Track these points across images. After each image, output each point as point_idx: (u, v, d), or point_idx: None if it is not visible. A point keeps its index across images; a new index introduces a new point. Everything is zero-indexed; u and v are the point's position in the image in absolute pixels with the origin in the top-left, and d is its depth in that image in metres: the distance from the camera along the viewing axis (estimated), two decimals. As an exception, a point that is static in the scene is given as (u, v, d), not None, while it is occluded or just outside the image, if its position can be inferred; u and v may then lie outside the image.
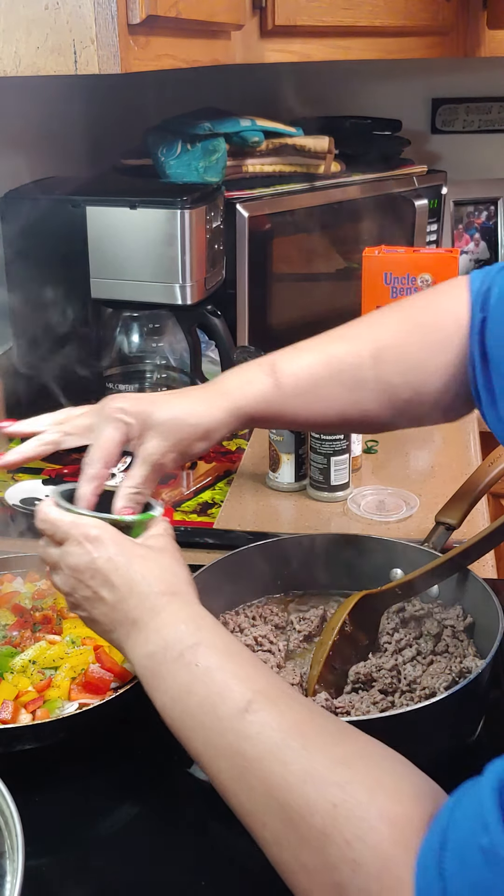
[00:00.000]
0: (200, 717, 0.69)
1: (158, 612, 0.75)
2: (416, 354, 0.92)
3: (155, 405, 0.89)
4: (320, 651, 0.97)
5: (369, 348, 0.92)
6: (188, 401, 0.91)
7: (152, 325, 1.69)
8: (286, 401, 0.92)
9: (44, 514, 0.82)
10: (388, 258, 1.78)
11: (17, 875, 0.64)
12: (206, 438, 0.90)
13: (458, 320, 0.91)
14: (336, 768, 0.63)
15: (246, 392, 0.91)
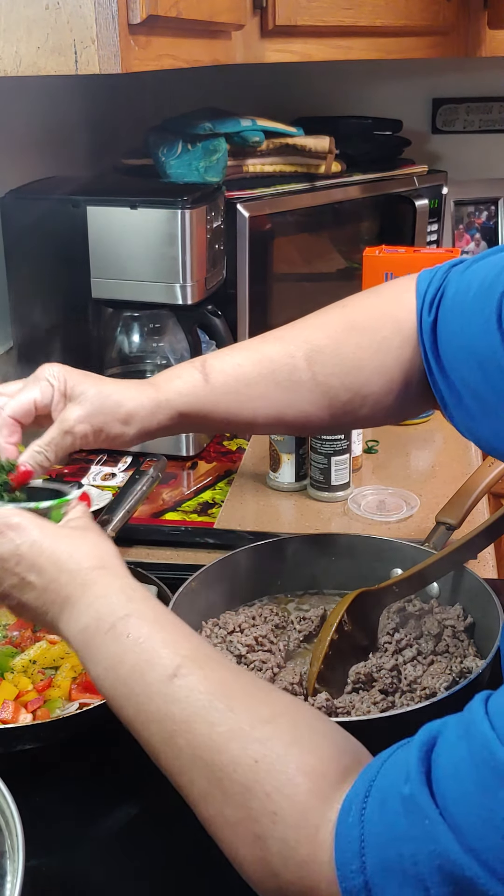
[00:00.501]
0: (131, 685, 0.70)
1: (90, 586, 0.75)
2: (352, 356, 0.92)
3: (86, 378, 0.91)
4: (319, 648, 0.97)
5: (304, 349, 0.92)
6: (121, 384, 0.92)
7: (153, 325, 1.69)
8: (216, 398, 0.91)
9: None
10: (389, 258, 1.78)
11: (17, 875, 0.64)
12: (127, 422, 0.89)
13: (398, 322, 0.91)
14: (259, 726, 0.65)
15: (174, 386, 0.91)
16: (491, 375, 0.79)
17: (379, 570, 1.10)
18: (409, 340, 0.91)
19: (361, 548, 1.13)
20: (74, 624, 0.75)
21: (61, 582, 0.76)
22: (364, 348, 0.91)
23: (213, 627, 1.05)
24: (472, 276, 0.86)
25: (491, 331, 0.78)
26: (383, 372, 0.91)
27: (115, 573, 0.77)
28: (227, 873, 0.83)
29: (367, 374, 0.91)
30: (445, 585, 1.07)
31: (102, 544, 0.80)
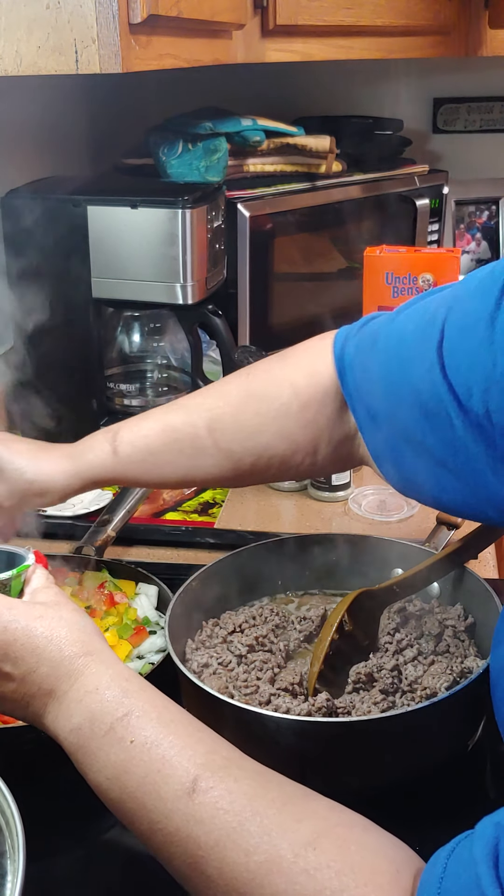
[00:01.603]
0: (143, 800, 0.64)
1: (76, 677, 0.70)
2: (250, 422, 0.94)
3: (10, 452, 0.97)
4: (319, 648, 0.97)
5: (205, 417, 0.95)
6: (39, 458, 0.98)
7: (153, 325, 1.69)
8: (124, 468, 0.97)
9: None
10: (390, 258, 1.78)
11: (17, 875, 0.64)
12: (42, 495, 0.97)
13: (296, 387, 0.93)
14: (303, 853, 0.58)
15: (87, 459, 0.97)
16: (438, 426, 0.77)
17: (379, 570, 1.10)
18: (311, 403, 0.92)
19: (362, 548, 1.13)
20: (64, 722, 0.69)
21: (42, 673, 0.71)
22: (262, 414, 0.94)
23: (213, 627, 1.05)
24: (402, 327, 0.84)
25: (436, 381, 0.76)
26: (285, 435, 0.93)
27: (102, 660, 0.72)
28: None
29: (268, 439, 0.94)
30: (446, 585, 1.07)
31: (81, 623, 0.75)
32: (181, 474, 0.98)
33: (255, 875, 0.58)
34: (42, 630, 0.72)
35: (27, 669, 0.71)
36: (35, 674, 0.71)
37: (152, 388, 1.67)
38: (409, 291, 1.78)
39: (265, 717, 0.85)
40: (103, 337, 1.62)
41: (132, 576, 1.15)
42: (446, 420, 0.76)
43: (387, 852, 0.60)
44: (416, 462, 0.82)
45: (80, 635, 0.73)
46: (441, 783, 0.90)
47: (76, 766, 0.69)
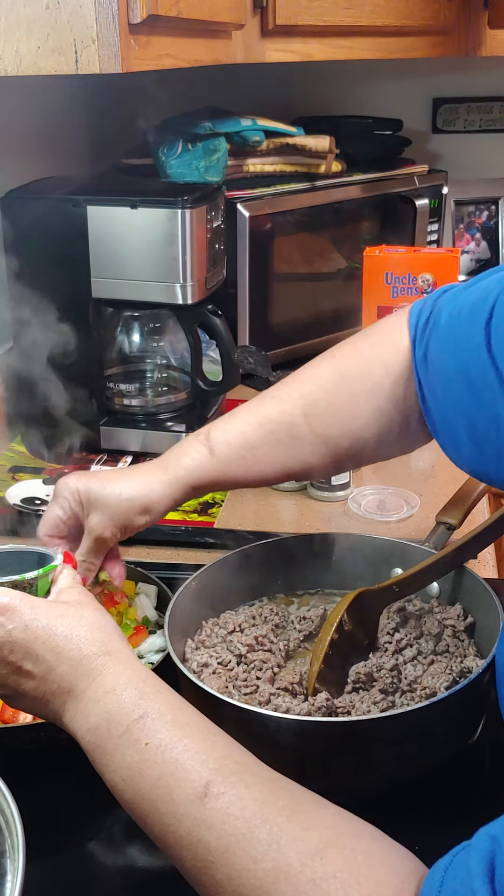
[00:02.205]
0: (156, 802, 0.65)
1: (94, 677, 0.71)
2: (346, 405, 0.94)
3: (99, 482, 0.95)
4: (319, 648, 0.97)
5: (299, 405, 0.95)
6: (131, 477, 0.96)
7: (153, 325, 1.69)
8: (223, 467, 0.95)
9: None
10: (389, 258, 1.78)
11: (17, 875, 0.64)
12: (147, 512, 0.95)
13: (387, 364, 0.93)
14: (310, 862, 0.59)
15: (183, 464, 0.95)
16: (483, 399, 0.80)
17: (379, 570, 1.10)
18: (401, 379, 0.92)
19: (361, 548, 1.13)
20: (82, 721, 0.70)
21: (61, 672, 0.71)
22: (357, 396, 0.94)
23: (213, 627, 1.05)
24: (464, 301, 0.87)
25: (482, 355, 0.79)
26: (380, 415, 0.93)
27: (120, 660, 0.72)
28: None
29: (365, 420, 0.94)
30: (445, 585, 1.07)
31: (102, 622, 0.75)
32: (280, 466, 0.96)
33: (263, 882, 0.59)
34: (62, 629, 0.72)
35: (47, 667, 0.72)
36: (55, 672, 0.71)
37: (152, 388, 1.67)
38: (408, 291, 1.78)
39: (265, 717, 0.85)
40: (103, 337, 1.62)
41: (132, 575, 1.15)
42: (490, 395, 0.78)
43: (393, 863, 0.60)
44: (465, 436, 0.84)
45: (100, 635, 0.73)
46: (440, 783, 0.90)
47: (93, 764, 0.70)
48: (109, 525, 0.94)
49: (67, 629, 0.73)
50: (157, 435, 1.59)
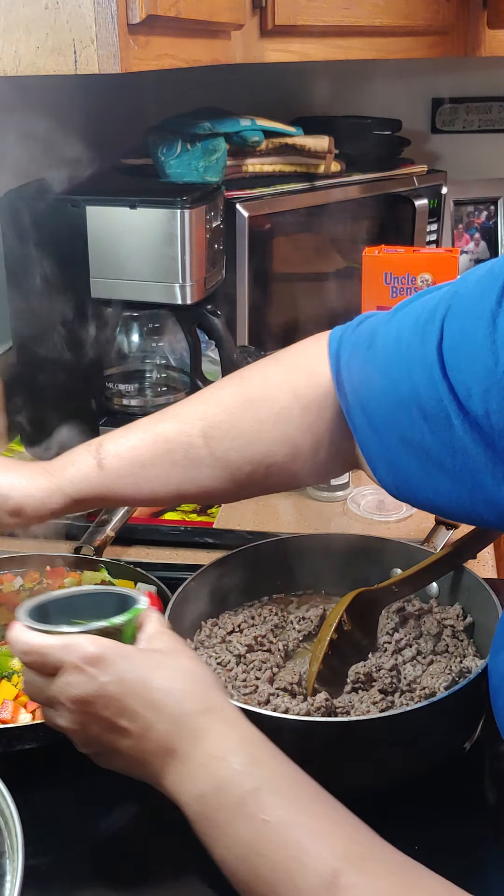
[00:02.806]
0: (276, 887, 0.60)
1: (199, 737, 0.66)
2: (249, 429, 0.89)
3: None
4: (318, 648, 0.97)
5: (199, 426, 0.90)
6: (13, 473, 0.89)
7: (152, 325, 1.69)
8: (111, 483, 0.90)
9: (24, 644, 0.70)
10: (388, 258, 1.78)
11: (17, 875, 0.64)
12: (17, 514, 0.88)
13: (296, 390, 0.89)
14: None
15: (68, 474, 0.90)
16: (437, 426, 0.76)
17: (378, 570, 1.10)
18: (311, 406, 0.89)
19: (361, 548, 1.13)
20: (188, 787, 0.66)
21: (161, 730, 0.66)
22: (262, 420, 0.89)
23: (212, 627, 1.05)
24: (399, 325, 0.83)
25: (435, 381, 0.75)
26: (286, 441, 0.89)
27: (225, 718, 0.68)
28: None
29: (268, 446, 0.89)
30: (445, 585, 1.07)
31: (200, 673, 0.70)
32: (174, 488, 0.91)
33: None
34: (160, 682, 0.68)
35: (145, 725, 0.67)
36: (153, 730, 0.67)
37: (151, 389, 1.67)
38: (407, 291, 1.78)
39: (264, 717, 0.85)
40: (102, 337, 1.61)
41: (131, 576, 1.15)
42: (445, 420, 0.75)
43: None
44: (412, 464, 0.81)
45: (201, 688, 0.69)
46: (440, 783, 0.90)
47: (199, 835, 0.65)
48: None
49: (165, 682, 0.68)
50: (156, 435, 1.58)
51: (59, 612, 0.75)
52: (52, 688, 0.69)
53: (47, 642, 0.69)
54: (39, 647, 0.69)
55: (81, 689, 0.67)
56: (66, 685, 0.68)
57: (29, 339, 1.59)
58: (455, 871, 0.82)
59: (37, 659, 0.70)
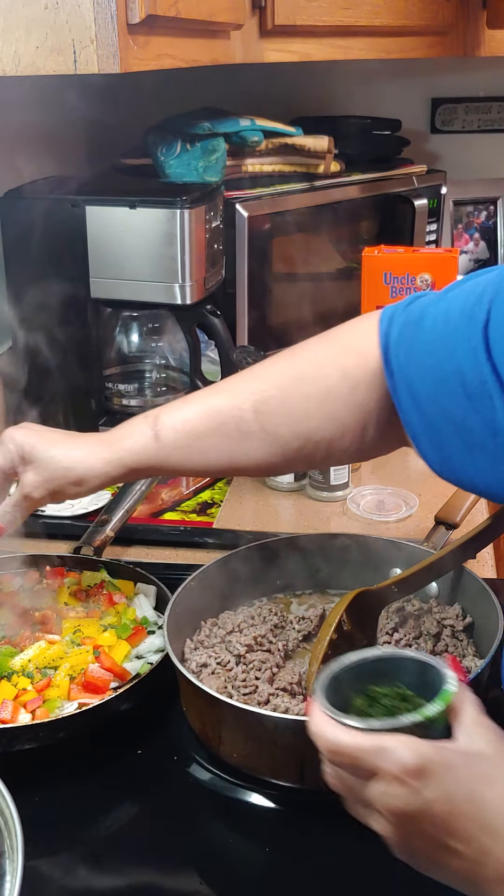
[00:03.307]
0: None
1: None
2: (298, 405, 0.92)
3: (43, 441, 0.96)
4: (318, 648, 0.97)
5: (251, 400, 0.92)
6: (74, 445, 0.96)
7: (152, 325, 1.69)
8: (166, 453, 0.94)
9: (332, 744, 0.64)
10: (388, 258, 1.78)
11: (16, 875, 0.64)
12: (80, 484, 0.94)
13: (346, 368, 0.91)
14: None
15: (126, 445, 0.94)
16: (480, 406, 0.77)
17: (378, 570, 1.10)
18: (359, 385, 0.90)
19: (360, 547, 1.13)
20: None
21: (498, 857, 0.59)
22: (311, 398, 0.91)
23: (212, 627, 1.05)
24: (448, 306, 0.84)
25: (480, 362, 0.77)
26: (334, 418, 0.91)
27: None
28: (227, 873, 0.83)
29: (317, 423, 0.91)
30: (444, 585, 1.07)
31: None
32: (226, 460, 0.94)
33: None
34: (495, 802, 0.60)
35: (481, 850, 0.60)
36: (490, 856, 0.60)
37: (151, 389, 1.67)
38: (407, 291, 1.78)
39: (264, 717, 0.85)
40: (102, 337, 1.62)
41: (131, 576, 1.15)
42: (488, 401, 0.76)
43: None
44: (455, 443, 0.82)
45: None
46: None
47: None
48: (42, 487, 0.94)
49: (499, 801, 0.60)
50: (155, 435, 1.58)
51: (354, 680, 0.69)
52: (367, 792, 0.63)
53: (358, 744, 0.63)
54: (350, 750, 0.63)
55: (403, 802, 0.61)
56: (385, 795, 0.62)
57: (29, 338, 1.59)
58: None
59: (348, 762, 0.64)
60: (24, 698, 0.95)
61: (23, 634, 1.04)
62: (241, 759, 0.89)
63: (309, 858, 0.83)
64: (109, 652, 1.00)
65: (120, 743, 0.95)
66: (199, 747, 0.94)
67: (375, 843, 0.65)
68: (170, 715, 0.98)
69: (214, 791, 0.91)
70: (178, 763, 0.93)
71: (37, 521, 1.37)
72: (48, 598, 1.11)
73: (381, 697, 0.67)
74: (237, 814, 0.89)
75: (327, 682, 0.68)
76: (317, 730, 0.65)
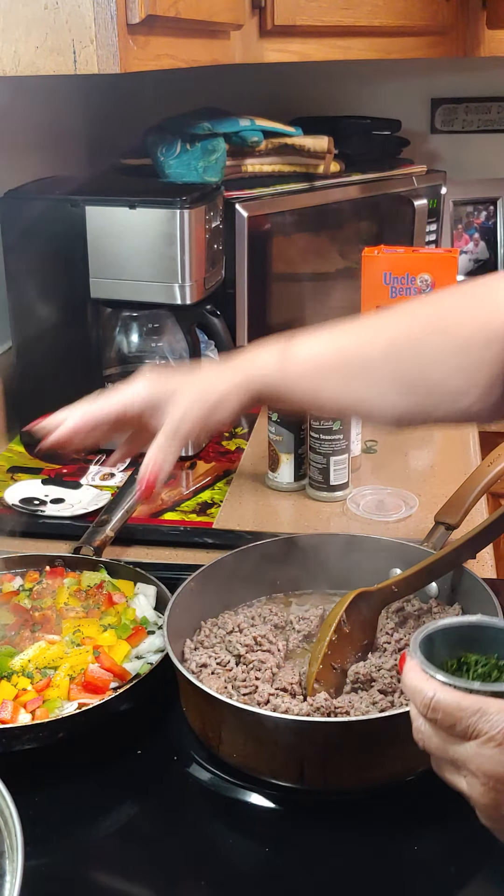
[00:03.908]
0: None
1: None
2: (431, 354, 0.89)
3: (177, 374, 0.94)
4: (318, 648, 0.97)
5: (383, 343, 0.90)
6: (205, 372, 0.94)
7: (152, 325, 1.69)
8: (291, 384, 0.92)
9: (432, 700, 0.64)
10: (388, 258, 1.78)
11: (16, 875, 0.64)
12: (216, 410, 0.91)
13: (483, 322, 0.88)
14: None
15: (252, 370, 0.92)
16: None
17: (378, 570, 1.10)
18: (493, 342, 0.88)
19: (360, 548, 1.13)
20: None
21: None
22: (442, 348, 0.89)
23: (212, 627, 1.05)
24: None
25: None
26: (463, 371, 0.89)
27: None
28: (227, 873, 0.83)
29: (445, 373, 0.89)
30: (444, 585, 1.07)
31: None
32: (346, 401, 0.92)
33: None
34: None
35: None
36: None
37: (151, 389, 1.67)
38: (407, 291, 1.78)
39: (264, 717, 0.85)
40: (101, 337, 1.62)
41: (131, 576, 1.15)
42: None
43: None
44: None
45: None
46: (439, 783, 0.90)
47: None
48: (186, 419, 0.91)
49: None
50: (155, 435, 1.58)
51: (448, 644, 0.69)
52: (460, 751, 0.63)
53: (459, 703, 0.62)
54: (450, 709, 0.63)
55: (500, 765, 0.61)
56: (481, 757, 0.62)
57: (29, 338, 1.59)
58: (455, 870, 0.83)
59: (445, 719, 0.63)
60: (24, 698, 0.95)
61: (23, 634, 1.04)
62: (241, 759, 0.89)
63: (309, 858, 0.83)
64: (109, 652, 1.00)
65: (120, 743, 0.95)
66: (199, 747, 0.94)
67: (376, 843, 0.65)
68: (170, 715, 0.98)
69: (214, 791, 0.91)
70: (178, 763, 0.93)
71: (37, 521, 1.37)
72: (48, 598, 1.11)
73: (474, 664, 0.68)
74: (237, 814, 0.89)
75: (423, 639, 0.68)
76: (412, 684, 0.65)
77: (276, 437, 1.45)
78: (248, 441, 1.66)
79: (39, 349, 1.58)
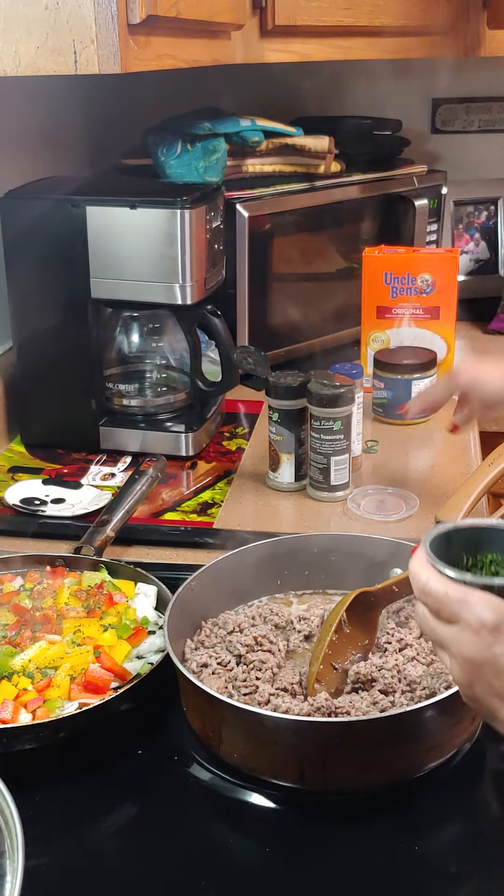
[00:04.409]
0: None
1: None
2: None
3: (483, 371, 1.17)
4: (318, 648, 0.98)
5: None
6: None
7: (152, 325, 1.69)
8: None
9: (424, 585, 0.70)
10: (389, 258, 1.78)
11: (16, 875, 0.64)
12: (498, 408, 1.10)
13: None
14: None
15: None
16: None
17: (379, 570, 1.10)
18: None
19: (361, 548, 1.13)
20: None
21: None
22: None
23: (212, 627, 1.05)
24: None
25: None
26: None
27: None
28: (227, 873, 0.83)
29: None
30: (445, 585, 1.07)
31: None
32: None
33: None
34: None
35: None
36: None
37: (151, 389, 1.67)
38: (407, 291, 1.78)
39: (264, 717, 0.85)
40: (102, 337, 1.62)
41: (131, 576, 1.15)
42: None
43: None
44: None
45: None
46: (440, 783, 0.90)
47: None
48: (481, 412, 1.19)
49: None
50: (155, 435, 1.59)
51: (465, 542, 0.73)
52: (444, 634, 0.69)
53: (446, 591, 0.68)
54: (437, 594, 0.68)
55: (473, 650, 0.67)
56: (459, 641, 0.68)
57: (29, 339, 1.59)
58: (455, 870, 0.83)
59: (433, 603, 0.69)
60: (24, 698, 0.95)
61: (23, 634, 1.04)
62: (242, 759, 0.89)
63: (309, 858, 0.83)
64: (110, 652, 1.00)
65: (120, 743, 0.95)
66: (199, 747, 0.94)
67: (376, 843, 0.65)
68: (170, 715, 0.98)
69: (214, 791, 0.91)
70: (178, 763, 0.93)
71: (37, 520, 1.37)
72: (48, 598, 1.11)
73: (488, 563, 0.72)
74: (237, 814, 0.89)
75: (438, 535, 0.72)
76: (413, 570, 0.71)
77: (277, 437, 1.45)
78: (248, 441, 1.66)
79: (39, 349, 1.58)
